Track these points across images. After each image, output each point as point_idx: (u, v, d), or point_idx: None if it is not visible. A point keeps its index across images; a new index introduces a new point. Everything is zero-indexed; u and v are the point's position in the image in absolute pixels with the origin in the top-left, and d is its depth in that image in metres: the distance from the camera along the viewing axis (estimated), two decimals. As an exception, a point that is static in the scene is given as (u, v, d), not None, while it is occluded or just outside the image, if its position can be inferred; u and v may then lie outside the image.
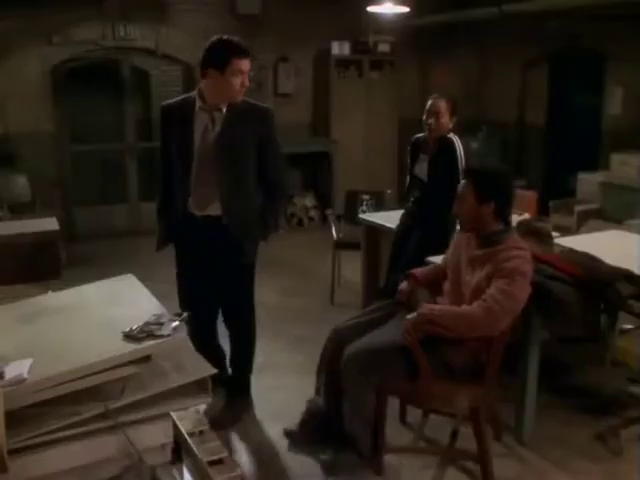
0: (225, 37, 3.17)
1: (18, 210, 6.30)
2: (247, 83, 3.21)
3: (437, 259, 3.67)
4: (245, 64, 3.17)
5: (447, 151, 3.96)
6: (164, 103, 3.42)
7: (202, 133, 3.24)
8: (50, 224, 3.89)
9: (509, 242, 2.89)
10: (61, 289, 2.86)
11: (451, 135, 3.99)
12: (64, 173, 7.50)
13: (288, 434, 3.32)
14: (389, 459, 3.08)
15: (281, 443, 3.32)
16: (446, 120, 3.94)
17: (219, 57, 3.12)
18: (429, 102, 4.00)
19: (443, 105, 3.93)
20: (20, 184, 6.84)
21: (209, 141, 3.23)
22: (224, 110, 3.24)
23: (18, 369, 1.95)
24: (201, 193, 3.28)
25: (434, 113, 3.94)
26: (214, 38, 3.19)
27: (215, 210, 3.29)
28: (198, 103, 3.26)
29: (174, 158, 3.33)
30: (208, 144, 3.23)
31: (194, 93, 3.28)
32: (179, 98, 3.41)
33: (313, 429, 3.24)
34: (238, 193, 3.29)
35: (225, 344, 3.68)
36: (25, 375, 1.92)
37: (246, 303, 3.55)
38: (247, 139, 3.26)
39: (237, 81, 3.15)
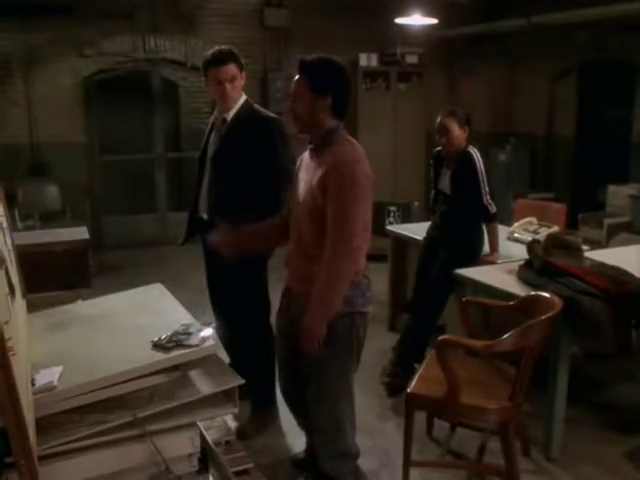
0: (215, 48, 3.26)
1: (48, 219, 6.40)
2: (227, 90, 3.21)
3: (465, 272, 3.65)
4: (221, 72, 3.21)
5: (467, 165, 3.97)
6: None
7: (213, 144, 3.38)
8: (80, 233, 3.94)
9: (343, 140, 2.56)
10: (91, 298, 2.90)
11: (470, 148, 4.01)
12: (94, 183, 7.62)
13: (295, 463, 3.17)
14: (415, 473, 3.03)
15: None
16: (457, 133, 3.95)
17: (202, 69, 3.31)
18: (437, 121, 4.02)
19: (449, 121, 3.95)
20: (51, 193, 6.98)
21: (210, 152, 3.38)
22: (228, 120, 3.31)
23: (49, 376, 1.97)
24: (203, 199, 3.42)
25: (442, 131, 3.97)
26: None
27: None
28: (215, 114, 3.39)
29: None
30: (210, 155, 3.38)
31: None
32: None
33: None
34: (224, 204, 3.30)
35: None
36: (55, 382, 1.94)
37: (240, 308, 3.39)
38: (241, 153, 3.24)
39: (218, 90, 3.23)
